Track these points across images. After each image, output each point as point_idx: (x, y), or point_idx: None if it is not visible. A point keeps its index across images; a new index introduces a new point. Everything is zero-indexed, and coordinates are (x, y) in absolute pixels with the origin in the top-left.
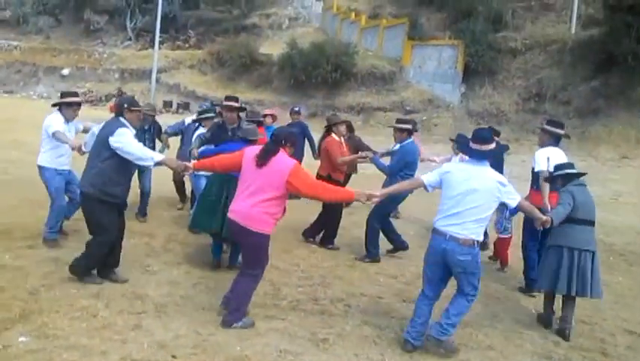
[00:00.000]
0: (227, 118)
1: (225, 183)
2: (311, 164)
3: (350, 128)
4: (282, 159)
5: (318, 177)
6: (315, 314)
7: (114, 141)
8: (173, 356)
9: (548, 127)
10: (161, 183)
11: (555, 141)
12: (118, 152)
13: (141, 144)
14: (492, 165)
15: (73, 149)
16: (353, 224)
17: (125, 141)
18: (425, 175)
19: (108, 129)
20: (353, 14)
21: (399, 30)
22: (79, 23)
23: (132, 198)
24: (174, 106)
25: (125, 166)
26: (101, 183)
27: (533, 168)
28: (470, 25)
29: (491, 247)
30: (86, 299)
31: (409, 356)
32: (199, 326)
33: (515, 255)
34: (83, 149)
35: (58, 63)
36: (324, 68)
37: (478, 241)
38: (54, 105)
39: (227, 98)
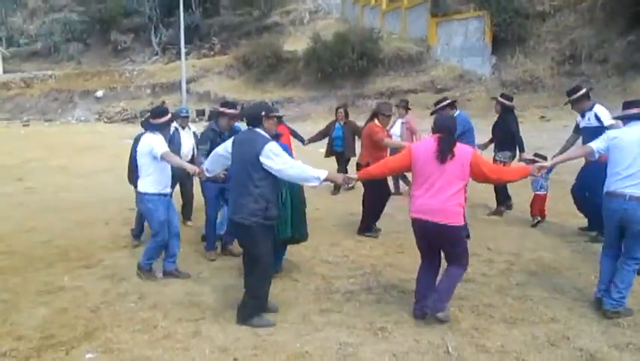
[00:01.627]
0: (220, 124)
1: (288, 188)
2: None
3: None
4: (461, 147)
5: (358, 166)
6: (370, 304)
7: (267, 161)
8: (235, 359)
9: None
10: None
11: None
12: (273, 172)
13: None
14: None
15: (192, 175)
16: (397, 209)
17: (283, 161)
18: (594, 143)
19: (251, 147)
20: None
21: (421, 9)
22: (106, 45)
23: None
24: (207, 113)
25: (277, 182)
26: (263, 208)
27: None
28: None
29: (526, 206)
30: (145, 312)
31: (469, 336)
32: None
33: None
34: (207, 174)
35: (91, 86)
36: (349, 57)
37: None
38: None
39: (223, 105)
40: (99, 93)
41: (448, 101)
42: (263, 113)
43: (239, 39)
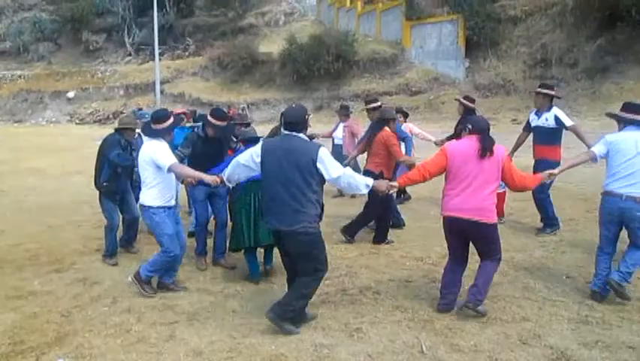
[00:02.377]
0: (207, 132)
1: (252, 189)
2: None
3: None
4: (498, 148)
5: (369, 173)
6: (345, 305)
7: (324, 168)
8: None
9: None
10: None
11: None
12: (327, 178)
13: None
14: None
15: (211, 185)
16: None
17: (337, 167)
18: (594, 147)
19: (303, 154)
20: (348, 2)
21: (396, 12)
22: (78, 45)
23: None
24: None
25: None
26: (319, 214)
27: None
28: None
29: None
30: (118, 316)
31: (443, 336)
32: (232, 330)
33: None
34: (228, 184)
35: (62, 87)
36: (325, 59)
37: None
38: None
39: (213, 113)
40: (70, 94)
41: (377, 104)
42: (307, 116)
43: (214, 40)
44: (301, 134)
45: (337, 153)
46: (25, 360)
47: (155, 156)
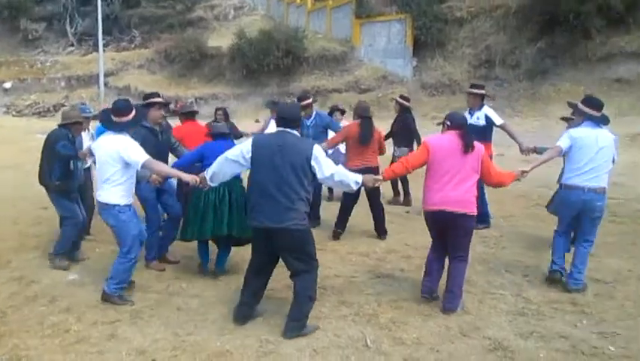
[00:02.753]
0: (151, 118)
1: (226, 184)
2: None
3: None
4: (477, 143)
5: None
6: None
7: (317, 166)
8: (154, 360)
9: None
10: None
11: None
12: (319, 176)
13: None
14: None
15: (193, 185)
16: (322, 209)
17: (330, 165)
18: (560, 142)
19: (298, 151)
20: None
21: (346, 10)
22: (16, 33)
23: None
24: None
25: None
26: (307, 212)
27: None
28: None
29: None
30: (56, 316)
31: (387, 330)
32: (176, 327)
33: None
34: (210, 183)
35: None
36: (275, 55)
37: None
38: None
39: (147, 96)
40: (7, 84)
41: (309, 101)
42: (301, 115)
43: (161, 32)
44: (295, 132)
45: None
46: None
47: (126, 152)
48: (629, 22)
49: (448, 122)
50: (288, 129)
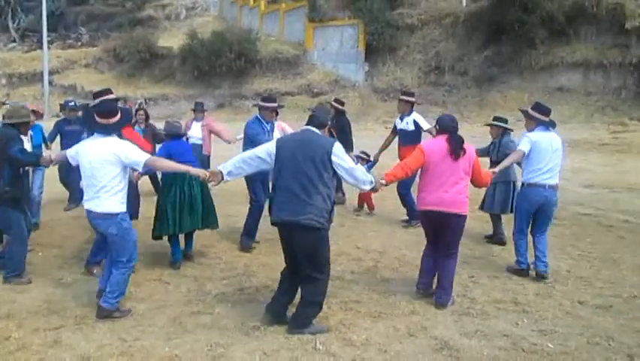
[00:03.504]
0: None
1: (177, 181)
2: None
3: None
4: (468, 146)
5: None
6: (242, 304)
7: (339, 161)
8: None
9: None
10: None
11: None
12: (340, 172)
13: None
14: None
15: (203, 181)
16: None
17: (350, 161)
18: (521, 146)
19: (319, 146)
20: (252, 0)
21: (299, 13)
22: None
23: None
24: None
25: None
26: (329, 210)
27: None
28: (368, 4)
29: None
30: None
31: (337, 331)
32: (123, 332)
33: None
34: (227, 178)
35: None
36: (227, 56)
37: None
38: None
39: (99, 94)
40: None
41: (274, 105)
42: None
43: (109, 31)
44: (319, 131)
45: (196, 153)
46: None
47: (125, 153)
48: (569, 33)
49: (437, 127)
50: (313, 128)
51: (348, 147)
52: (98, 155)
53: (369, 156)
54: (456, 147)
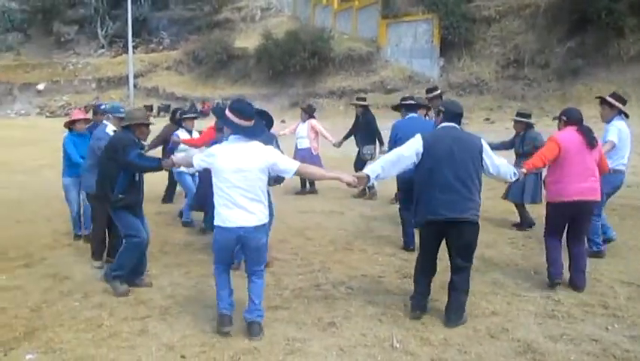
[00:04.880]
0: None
1: None
2: None
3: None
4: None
5: None
6: (318, 300)
7: (487, 158)
8: (183, 357)
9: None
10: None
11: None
12: (489, 168)
13: None
14: None
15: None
16: (347, 208)
17: (496, 157)
18: (612, 137)
19: (472, 143)
20: None
21: (372, 10)
22: (49, 36)
23: None
24: (155, 109)
25: None
26: (480, 204)
27: None
28: None
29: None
30: (89, 311)
31: (415, 330)
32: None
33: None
34: (374, 180)
35: (32, 79)
36: (301, 55)
37: None
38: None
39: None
40: (40, 86)
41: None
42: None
43: (189, 34)
44: (459, 127)
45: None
46: None
47: (274, 160)
48: None
49: (565, 118)
50: (454, 124)
51: (372, 141)
52: (248, 162)
53: None
54: (591, 138)
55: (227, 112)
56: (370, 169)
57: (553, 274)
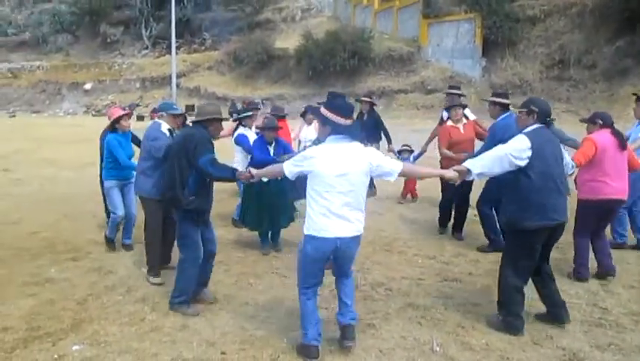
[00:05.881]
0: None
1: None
2: None
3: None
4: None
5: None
6: (357, 301)
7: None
8: (223, 353)
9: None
10: None
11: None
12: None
13: None
14: None
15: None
16: (387, 209)
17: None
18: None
19: (558, 143)
20: None
21: (413, 10)
22: (96, 37)
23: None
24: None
25: None
26: None
27: None
28: None
29: None
30: (132, 305)
31: (455, 334)
32: (244, 321)
33: None
34: (476, 178)
35: (80, 79)
36: (340, 55)
37: None
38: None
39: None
40: (87, 86)
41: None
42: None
43: (230, 35)
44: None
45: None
46: (42, 345)
47: (378, 161)
48: None
49: (601, 121)
50: (547, 124)
51: (376, 140)
52: (352, 164)
53: (411, 148)
54: (623, 141)
55: (324, 110)
56: (471, 164)
57: (583, 274)
